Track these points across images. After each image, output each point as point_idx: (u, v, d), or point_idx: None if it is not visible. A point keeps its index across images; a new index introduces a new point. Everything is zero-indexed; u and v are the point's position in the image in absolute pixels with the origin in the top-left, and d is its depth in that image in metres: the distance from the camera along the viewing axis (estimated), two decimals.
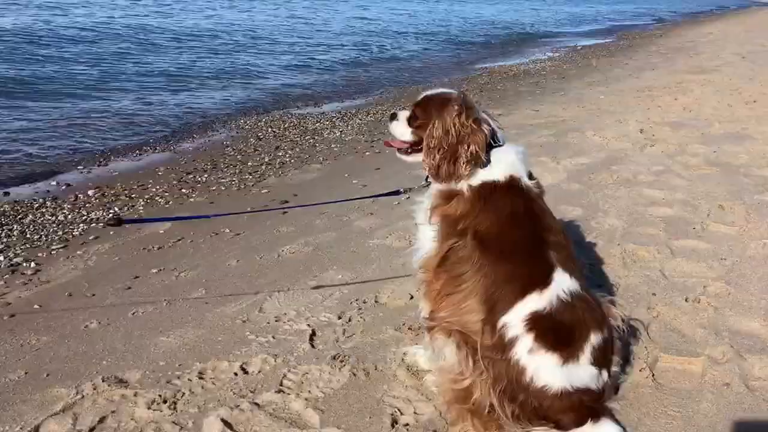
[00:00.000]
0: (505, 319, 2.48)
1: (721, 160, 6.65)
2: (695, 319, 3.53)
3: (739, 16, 35.64)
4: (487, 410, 2.49)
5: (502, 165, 2.69)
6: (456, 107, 2.69)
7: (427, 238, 2.75)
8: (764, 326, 3.48)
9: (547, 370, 2.45)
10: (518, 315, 2.48)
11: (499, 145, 2.74)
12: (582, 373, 2.51)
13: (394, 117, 3.00)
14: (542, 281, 2.53)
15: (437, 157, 2.69)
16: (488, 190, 2.65)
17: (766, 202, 5.39)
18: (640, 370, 3.07)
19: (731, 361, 3.14)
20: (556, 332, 2.49)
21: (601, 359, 2.58)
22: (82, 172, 7.48)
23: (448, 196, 2.70)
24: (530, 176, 2.76)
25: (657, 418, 2.78)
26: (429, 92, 2.94)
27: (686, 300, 3.74)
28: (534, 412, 2.48)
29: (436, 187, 2.79)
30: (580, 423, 2.50)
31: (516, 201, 2.64)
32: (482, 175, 2.67)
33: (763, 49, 17.25)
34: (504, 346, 2.47)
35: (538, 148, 7.03)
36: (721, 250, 4.43)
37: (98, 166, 7.76)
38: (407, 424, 2.72)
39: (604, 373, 2.61)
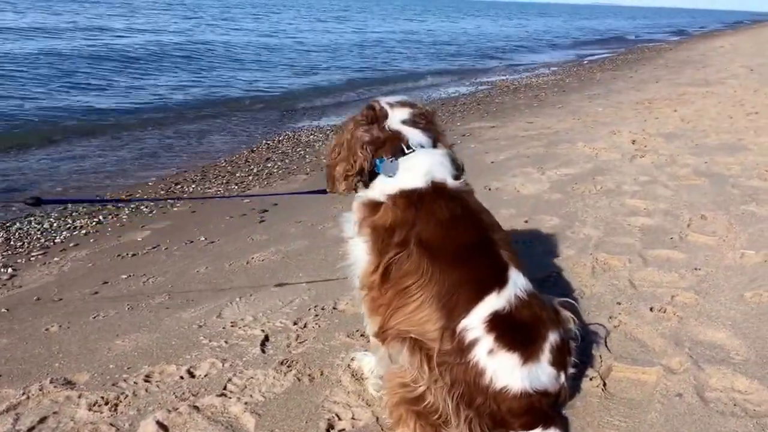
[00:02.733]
0: (465, 323, 2.42)
1: (712, 171, 6.56)
2: (657, 328, 3.46)
3: (754, 29, 35.45)
4: (437, 415, 2.42)
5: (416, 172, 2.64)
6: (359, 118, 2.70)
7: (361, 252, 2.68)
8: (729, 337, 3.39)
9: (508, 371, 2.38)
10: (478, 317, 2.42)
11: (412, 152, 2.70)
12: (541, 374, 2.45)
13: None
14: (499, 281, 2.49)
15: (325, 170, 2.77)
16: (415, 198, 2.60)
17: (751, 212, 5.29)
18: (590, 379, 3.00)
19: (687, 372, 3.05)
20: (517, 331, 2.43)
21: (559, 360, 2.52)
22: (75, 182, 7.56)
23: (373, 207, 2.65)
24: (456, 177, 2.71)
25: (601, 427, 2.70)
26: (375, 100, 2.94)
27: (651, 309, 3.66)
28: (490, 416, 2.41)
29: (358, 198, 2.76)
30: (531, 427, 2.43)
31: (451, 204, 2.59)
32: (396, 184, 2.63)
33: None
34: (463, 349, 2.39)
35: (525, 159, 7.00)
36: (697, 261, 4.35)
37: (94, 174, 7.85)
38: (342, 430, 2.67)
39: (562, 375, 2.55)
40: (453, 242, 2.56)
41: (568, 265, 4.27)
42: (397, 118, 2.79)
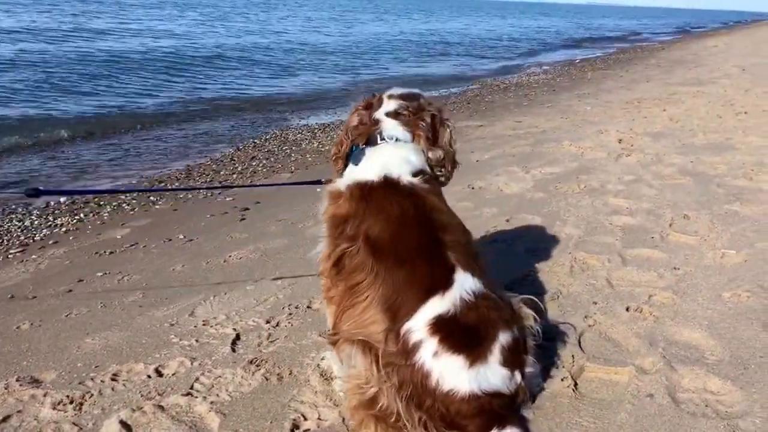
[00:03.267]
0: (408, 325, 2.40)
1: (697, 170, 6.54)
2: (632, 328, 3.43)
3: (749, 29, 35.50)
4: (394, 418, 2.40)
5: (374, 165, 2.63)
6: (359, 104, 2.68)
7: (322, 239, 2.71)
8: (704, 337, 3.37)
9: (453, 374, 2.34)
10: (422, 320, 2.39)
11: (383, 143, 2.69)
12: (491, 376, 2.40)
13: None
14: (443, 283, 2.45)
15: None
16: (366, 191, 2.59)
17: (734, 212, 5.27)
18: (562, 380, 2.97)
19: (660, 372, 3.03)
20: (462, 334, 2.40)
21: (512, 360, 2.48)
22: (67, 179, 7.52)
23: (336, 196, 2.66)
24: (419, 173, 2.67)
25: (570, 428, 2.68)
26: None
27: (627, 309, 3.64)
28: (441, 419, 2.38)
29: (329, 186, 2.75)
30: (486, 429, 2.40)
31: (403, 202, 2.57)
32: (355, 175, 2.62)
33: (765, 62, 17.10)
34: (408, 351, 2.38)
35: (510, 158, 6.97)
36: (676, 260, 4.32)
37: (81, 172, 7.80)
38: (307, 430, 2.64)
39: (517, 375, 2.50)
40: (399, 242, 2.53)
41: (547, 264, 4.24)
42: (384, 109, 2.81)
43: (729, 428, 2.63)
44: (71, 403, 2.88)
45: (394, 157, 2.65)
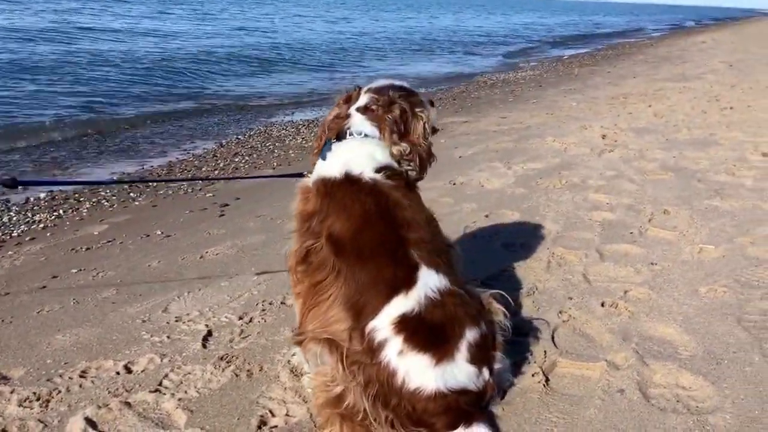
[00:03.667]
0: (373, 324, 2.37)
1: (679, 165, 6.55)
2: (606, 324, 3.42)
3: (738, 25, 35.60)
4: (361, 416, 2.38)
5: (337, 160, 2.62)
6: (341, 98, 2.68)
7: (292, 234, 2.70)
8: (679, 333, 3.36)
9: (419, 372, 2.33)
10: (386, 319, 2.37)
11: (350, 138, 2.67)
12: (458, 373, 2.39)
13: None
14: (406, 282, 2.42)
15: None
16: (329, 187, 2.57)
17: (714, 207, 5.27)
18: (533, 375, 2.95)
19: (632, 367, 3.02)
20: (427, 332, 2.38)
21: (480, 356, 2.46)
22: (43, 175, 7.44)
23: (305, 192, 2.66)
24: (383, 169, 2.64)
25: (538, 424, 2.66)
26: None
27: (602, 305, 3.63)
28: (408, 417, 2.37)
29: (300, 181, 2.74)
30: (453, 427, 2.38)
31: (365, 199, 2.54)
32: (321, 171, 2.61)
33: (752, 58, 17.16)
34: (373, 350, 2.35)
35: (493, 154, 6.96)
36: (654, 255, 4.32)
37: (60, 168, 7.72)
38: (275, 426, 2.61)
39: (485, 372, 2.49)
40: (360, 240, 2.51)
41: (524, 260, 4.23)
42: (358, 103, 2.78)
43: (699, 424, 2.62)
44: (38, 400, 2.84)
45: (357, 153, 2.63)
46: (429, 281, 2.45)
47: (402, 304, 2.39)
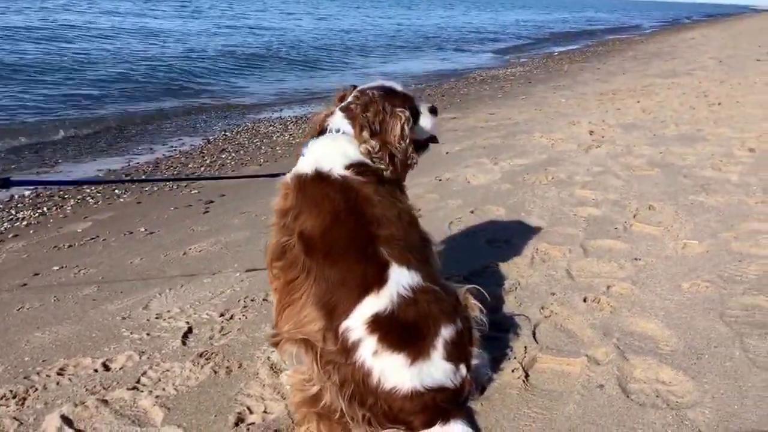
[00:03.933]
0: (346, 324, 2.36)
1: (666, 161, 6.56)
2: (588, 319, 3.42)
3: (729, 21, 35.70)
4: (338, 415, 2.37)
5: (310, 157, 2.62)
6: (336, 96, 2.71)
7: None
8: (660, 328, 3.36)
9: (395, 372, 2.32)
10: (359, 318, 2.35)
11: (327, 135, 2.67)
12: (434, 371, 2.38)
13: None
14: (377, 281, 2.40)
15: None
16: (302, 183, 2.57)
17: (699, 202, 5.28)
18: (512, 371, 2.95)
19: (612, 363, 3.01)
20: (401, 331, 2.36)
21: (456, 353, 2.45)
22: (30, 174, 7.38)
23: (284, 188, 2.66)
24: (354, 166, 2.62)
25: (517, 420, 2.66)
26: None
27: (585, 300, 3.62)
28: (385, 416, 2.36)
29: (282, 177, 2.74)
30: (430, 425, 2.37)
31: (334, 196, 2.53)
32: (297, 167, 2.60)
33: (742, 54, 17.22)
34: (348, 350, 2.34)
35: (480, 150, 6.95)
36: (638, 251, 4.32)
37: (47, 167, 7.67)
38: (252, 423, 2.60)
39: (462, 368, 2.48)
40: (330, 238, 2.49)
41: (508, 256, 4.22)
42: (344, 102, 2.78)
43: (677, 418, 2.62)
44: (14, 397, 2.82)
45: (328, 150, 2.62)
46: (401, 279, 2.43)
47: (374, 303, 2.37)
